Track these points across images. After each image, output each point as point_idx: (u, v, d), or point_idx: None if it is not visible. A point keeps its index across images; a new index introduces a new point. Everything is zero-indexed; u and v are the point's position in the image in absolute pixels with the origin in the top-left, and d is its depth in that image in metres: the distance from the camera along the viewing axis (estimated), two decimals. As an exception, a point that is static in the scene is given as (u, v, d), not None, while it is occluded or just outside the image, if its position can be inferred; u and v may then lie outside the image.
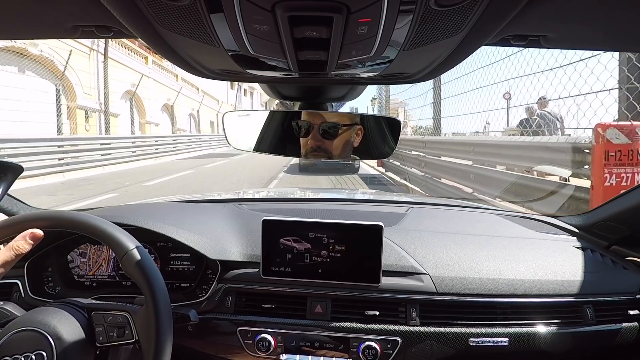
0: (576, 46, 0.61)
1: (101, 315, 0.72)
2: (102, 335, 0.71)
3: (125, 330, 0.70)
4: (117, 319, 0.71)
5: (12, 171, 0.73)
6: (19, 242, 0.64)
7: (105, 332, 0.71)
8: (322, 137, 0.75)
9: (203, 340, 0.95)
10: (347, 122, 0.76)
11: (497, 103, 5.37)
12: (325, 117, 0.76)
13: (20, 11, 0.50)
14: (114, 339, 0.71)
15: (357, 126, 0.76)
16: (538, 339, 0.89)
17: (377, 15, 0.35)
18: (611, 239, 1.10)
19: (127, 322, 0.71)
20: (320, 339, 0.90)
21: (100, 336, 0.71)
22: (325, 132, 0.75)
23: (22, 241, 0.64)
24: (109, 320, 0.71)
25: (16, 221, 0.68)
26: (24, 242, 0.64)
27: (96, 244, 1.07)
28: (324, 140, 0.75)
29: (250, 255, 0.99)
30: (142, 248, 0.72)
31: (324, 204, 1.43)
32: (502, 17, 0.40)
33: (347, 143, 0.76)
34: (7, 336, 0.66)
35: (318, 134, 0.75)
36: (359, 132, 0.76)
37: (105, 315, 0.72)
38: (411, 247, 1.02)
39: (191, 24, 0.39)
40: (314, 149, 0.75)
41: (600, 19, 0.48)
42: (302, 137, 0.76)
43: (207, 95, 26.68)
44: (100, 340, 0.71)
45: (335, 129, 0.75)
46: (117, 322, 0.71)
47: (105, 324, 0.71)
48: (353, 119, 0.77)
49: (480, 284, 0.93)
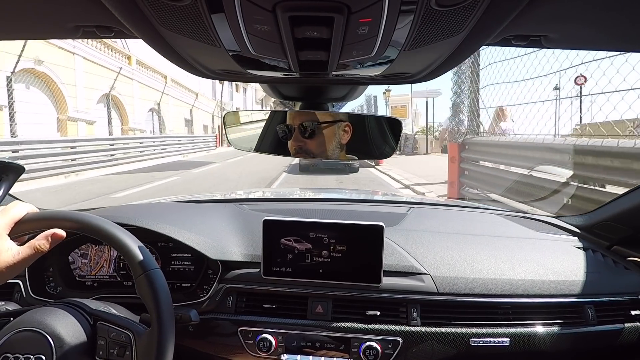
0: (577, 46, 0.61)
1: (106, 328, 0.70)
2: (103, 350, 0.69)
3: (126, 351, 0.69)
4: (120, 336, 0.69)
5: (13, 171, 0.73)
6: (41, 241, 0.63)
7: (107, 348, 0.69)
8: (303, 137, 0.74)
9: (204, 341, 0.95)
10: (328, 119, 0.75)
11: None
12: (305, 117, 0.75)
13: (22, 11, 0.50)
14: (114, 357, 0.69)
15: (342, 123, 0.74)
16: (539, 340, 0.89)
17: (378, 16, 0.35)
18: (612, 239, 1.10)
19: (130, 343, 0.69)
20: (321, 339, 0.90)
21: (101, 350, 0.69)
22: (304, 131, 0.74)
23: (44, 240, 0.63)
24: (112, 335, 0.70)
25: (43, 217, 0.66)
26: (45, 242, 0.63)
27: (97, 244, 1.07)
28: (305, 141, 0.74)
29: (251, 255, 0.99)
30: (160, 271, 0.70)
31: (325, 204, 1.43)
32: (503, 17, 0.40)
33: (331, 141, 0.74)
34: (10, 334, 0.66)
35: (299, 135, 0.74)
36: (347, 129, 0.74)
37: (110, 330, 0.70)
38: (412, 247, 1.02)
39: (192, 24, 0.39)
40: (297, 151, 0.75)
41: (601, 19, 0.48)
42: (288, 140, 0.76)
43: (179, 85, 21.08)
44: (100, 354, 0.69)
45: (313, 127, 0.74)
46: (120, 340, 0.69)
47: (108, 339, 0.70)
48: (336, 116, 0.75)
49: (482, 284, 0.93)
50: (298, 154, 0.76)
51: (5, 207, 0.64)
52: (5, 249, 0.60)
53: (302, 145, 0.75)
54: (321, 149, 0.75)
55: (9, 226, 0.62)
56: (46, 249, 0.64)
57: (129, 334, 0.69)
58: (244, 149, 0.83)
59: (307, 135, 0.74)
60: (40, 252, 0.63)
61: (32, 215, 0.66)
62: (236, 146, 0.82)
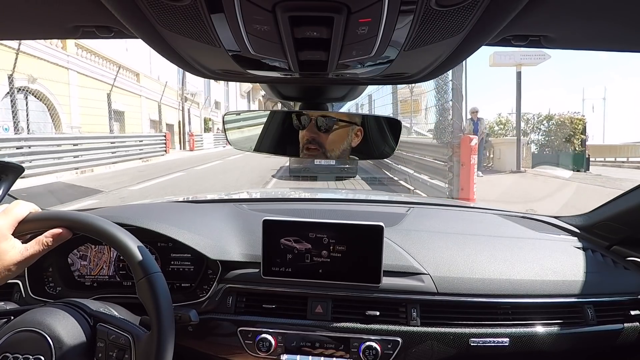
0: (577, 46, 0.61)
1: (105, 330, 0.70)
2: (102, 352, 0.69)
3: (125, 354, 0.68)
4: (119, 339, 0.69)
5: (13, 171, 0.73)
6: (48, 238, 0.64)
7: (106, 350, 0.69)
8: (318, 130, 0.75)
9: (203, 341, 0.95)
10: (346, 119, 0.76)
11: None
12: (324, 112, 0.76)
13: (21, 11, 0.50)
14: None
15: (356, 127, 0.75)
16: (539, 340, 0.89)
17: (377, 16, 0.35)
18: (612, 239, 1.10)
19: (129, 346, 0.69)
20: (321, 339, 0.90)
21: (100, 353, 0.69)
22: (321, 124, 0.75)
23: (51, 238, 0.65)
24: (112, 338, 0.69)
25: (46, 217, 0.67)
26: (52, 239, 0.65)
27: (97, 244, 1.07)
28: (319, 133, 0.75)
29: (250, 255, 0.99)
30: (161, 275, 0.70)
31: (325, 204, 1.43)
32: (502, 17, 0.40)
33: (343, 141, 0.76)
34: (10, 334, 0.66)
35: (314, 127, 0.75)
36: (359, 133, 0.75)
37: (110, 332, 0.70)
38: (412, 247, 1.02)
39: (192, 24, 0.39)
40: (309, 141, 0.75)
41: (601, 19, 0.48)
42: (300, 131, 0.76)
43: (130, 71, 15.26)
44: (99, 356, 0.69)
45: (331, 122, 0.75)
46: (119, 343, 0.69)
47: (108, 341, 0.69)
48: (352, 118, 0.77)
49: (481, 284, 0.93)
50: (307, 146, 0.76)
51: (7, 206, 0.64)
52: (12, 247, 0.61)
53: (316, 137, 0.75)
54: (332, 146, 0.76)
55: (12, 226, 0.63)
56: (52, 246, 0.65)
57: (129, 337, 0.69)
58: (243, 149, 0.83)
59: (323, 128, 0.75)
60: (46, 249, 0.64)
61: (35, 215, 0.66)
62: (236, 146, 0.82)
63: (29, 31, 0.64)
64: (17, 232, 0.63)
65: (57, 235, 0.65)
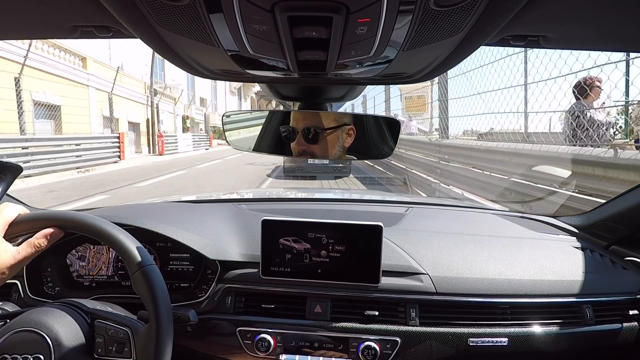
0: (576, 46, 0.61)
1: (103, 326, 0.71)
2: (102, 347, 0.69)
3: (125, 347, 0.69)
4: (118, 333, 0.70)
5: (11, 171, 0.73)
6: (40, 239, 0.64)
7: (105, 345, 0.70)
8: (307, 142, 0.74)
9: (202, 341, 0.95)
10: (333, 124, 0.75)
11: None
12: (310, 121, 0.74)
13: (20, 11, 0.50)
14: (112, 354, 0.69)
15: (346, 126, 0.74)
16: (537, 339, 0.89)
17: (376, 16, 0.35)
18: (610, 239, 1.10)
19: (128, 339, 0.69)
20: (320, 339, 0.90)
21: (100, 348, 0.70)
22: (307, 135, 0.74)
23: (43, 239, 0.65)
24: (110, 333, 0.70)
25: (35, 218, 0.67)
26: (44, 240, 0.65)
27: (96, 244, 1.07)
28: (308, 145, 0.74)
29: (249, 255, 0.99)
30: (156, 267, 0.71)
31: (324, 204, 1.43)
32: (501, 17, 0.40)
33: (334, 145, 0.75)
34: (8, 335, 0.66)
35: (302, 139, 0.74)
36: (351, 132, 0.74)
37: (108, 327, 0.70)
38: (411, 247, 1.02)
39: (190, 24, 0.39)
40: (299, 153, 0.75)
41: (600, 20, 0.48)
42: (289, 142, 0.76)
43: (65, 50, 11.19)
44: (99, 352, 0.70)
45: (317, 134, 0.74)
46: (118, 337, 0.70)
47: (106, 336, 0.70)
48: (340, 120, 0.75)
49: (480, 284, 0.93)
50: (300, 156, 0.76)
51: None
52: (4, 250, 0.61)
53: (306, 149, 0.75)
54: (324, 153, 0.75)
55: (2, 229, 0.63)
56: (45, 246, 0.65)
57: (127, 330, 0.70)
58: (243, 149, 0.83)
59: (310, 139, 0.74)
60: (39, 250, 0.64)
61: (24, 217, 0.66)
62: (235, 146, 0.82)
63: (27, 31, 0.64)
64: (8, 235, 0.63)
65: (49, 235, 0.65)
